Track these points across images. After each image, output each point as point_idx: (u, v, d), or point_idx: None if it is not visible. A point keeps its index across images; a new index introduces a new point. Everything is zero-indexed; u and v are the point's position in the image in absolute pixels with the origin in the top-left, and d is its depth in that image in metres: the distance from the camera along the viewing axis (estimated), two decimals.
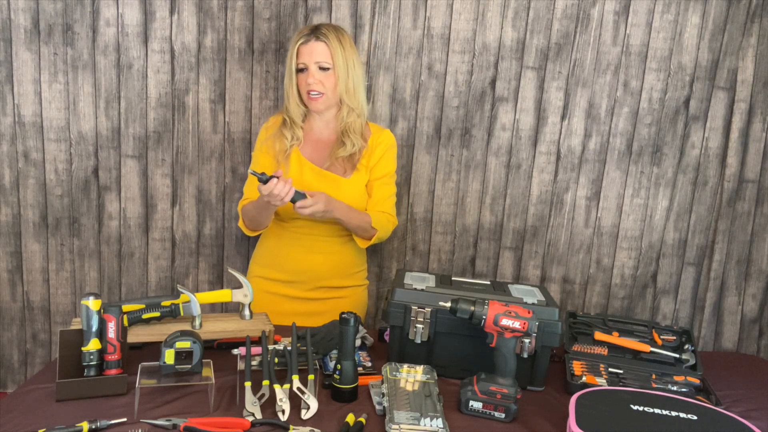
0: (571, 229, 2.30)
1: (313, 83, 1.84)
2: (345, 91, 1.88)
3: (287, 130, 1.94)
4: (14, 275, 2.30)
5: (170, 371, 1.36)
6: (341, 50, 1.84)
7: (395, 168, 2.00)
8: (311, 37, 1.83)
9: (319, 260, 1.95)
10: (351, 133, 1.92)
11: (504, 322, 1.39)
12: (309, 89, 1.85)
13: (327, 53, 1.83)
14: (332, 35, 1.84)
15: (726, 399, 1.60)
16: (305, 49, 1.84)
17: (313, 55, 1.83)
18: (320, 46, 1.83)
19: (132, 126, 2.22)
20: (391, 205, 1.99)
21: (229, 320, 1.68)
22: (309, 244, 1.94)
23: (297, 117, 1.92)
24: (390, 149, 1.97)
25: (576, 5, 2.14)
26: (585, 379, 1.60)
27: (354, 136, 1.92)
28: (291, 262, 1.94)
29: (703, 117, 2.21)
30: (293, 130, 1.93)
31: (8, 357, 2.37)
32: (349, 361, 1.41)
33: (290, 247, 1.95)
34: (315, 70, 1.84)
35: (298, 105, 1.91)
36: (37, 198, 2.25)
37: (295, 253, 1.95)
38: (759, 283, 2.32)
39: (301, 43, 1.84)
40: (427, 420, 1.31)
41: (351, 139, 1.91)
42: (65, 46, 2.15)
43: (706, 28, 2.15)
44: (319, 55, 1.83)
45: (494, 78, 2.20)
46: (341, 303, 1.95)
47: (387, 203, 1.97)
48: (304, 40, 1.84)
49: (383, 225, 1.93)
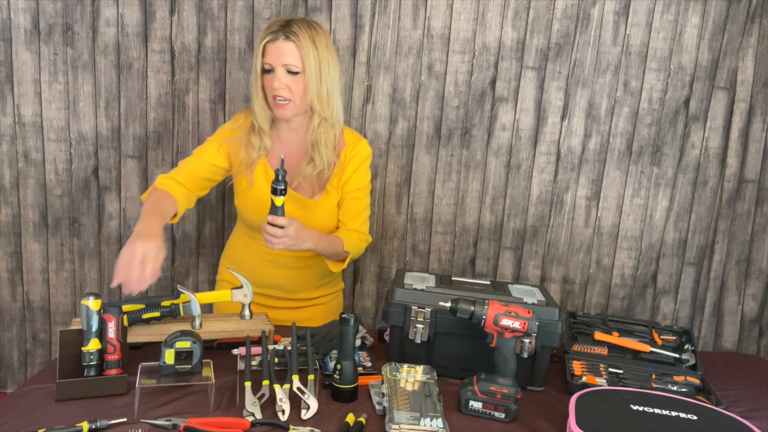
0: (571, 229, 2.30)
1: (279, 88, 1.65)
2: (316, 99, 1.68)
3: (255, 136, 1.75)
4: (14, 275, 2.30)
5: (170, 371, 1.36)
6: (314, 51, 1.65)
7: (369, 180, 1.87)
8: (280, 34, 1.64)
9: (289, 275, 1.84)
10: (321, 147, 1.73)
11: (504, 322, 1.39)
12: (275, 94, 1.66)
13: (297, 55, 1.64)
14: (304, 34, 1.64)
15: (726, 399, 1.60)
16: (272, 48, 1.64)
17: (281, 56, 1.63)
18: (289, 47, 1.63)
19: (132, 126, 2.22)
20: (363, 222, 1.85)
21: (229, 320, 1.68)
22: (277, 259, 1.80)
23: (264, 123, 1.73)
24: (364, 162, 1.82)
25: (576, 5, 2.14)
26: (585, 379, 1.60)
27: (325, 150, 1.74)
28: (259, 275, 1.81)
29: (703, 117, 2.21)
30: (261, 139, 1.75)
31: (8, 357, 2.37)
32: (349, 361, 1.41)
33: (257, 259, 1.83)
34: (282, 73, 1.64)
35: (264, 109, 1.72)
36: (37, 198, 2.25)
37: (262, 267, 1.83)
38: (759, 283, 2.32)
39: (268, 41, 1.64)
40: (427, 420, 1.31)
41: (321, 153, 1.73)
42: (65, 46, 2.15)
43: (706, 28, 2.15)
44: (288, 56, 1.64)
45: (494, 78, 2.20)
46: (317, 310, 1.92)
47: (359, 219, 1.84)
48: (272, 38, 1.64)
49: (355, 246, 1.79)
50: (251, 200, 1.79)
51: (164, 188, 1.71)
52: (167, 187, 1.72)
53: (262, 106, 1.72)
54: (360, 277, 2.35)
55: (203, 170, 1.78)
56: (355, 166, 1.80)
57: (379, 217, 2.29)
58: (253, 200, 1.79)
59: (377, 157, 2.24)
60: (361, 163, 1.81)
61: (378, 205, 2.28)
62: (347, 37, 2.16)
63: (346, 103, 2.19)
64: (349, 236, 1.79)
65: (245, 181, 1.79)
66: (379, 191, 2.27)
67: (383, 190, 2.28)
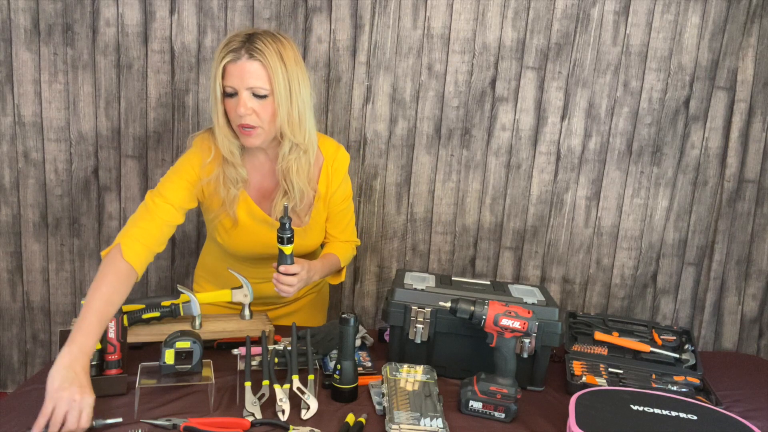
0: (571, 229, 2.30)
1: (246, 115, 1.45)
2: (287, 123, 1.49)
3: (229, 168, 1.55)
4: (14, 275, 2.30)
5: (170, 371, 1.36)
6: (282, 70, 1.45)
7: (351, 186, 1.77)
8: (242, 52, 1.43)
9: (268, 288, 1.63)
10: (293, 176, 1.56)
11: (504, 322, 1.39)
12: (240, 122, 1.47)
13: (263, 76, 1.44)
14: (270, 50, 1.44)
15: (726, 399, 1.60)
16: (234, 69, 1.43)
17: (245, 78, 1.43)
18: (254, 66, 1.43)
19: (132, 126, 2.22)
20: (351, 230, 1.80)
21: (229, 320, 1.68)
22: (261, 275, 1.69)
23: (231, 154, 1.53)
24: (347, 174, 1.70)
25: (576, 5, 2.14)
26: (585, 379, 1.60)
27: (297, 179, 1.56)
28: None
29: (703, 117, 2.21)
30: (236, 170, 1.56)
31: (8, 357, 2.37)
32: (349, 361, 1.41)
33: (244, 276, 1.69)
34: (248, 97, 1.45)
35: (229, 138, 1.52)
36: (37, 198, 2.25)
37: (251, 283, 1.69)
38: (759, 283, 2.32)
39: (228, 61, 1.43)
40: (427, 420, 1.31)
41: (293, 183, 1.56)
42: (65, 46, 2.15)
43: (706, 28, 2.15)
44: (253, 78, 1.43)
45: (494, 78, 2.20)
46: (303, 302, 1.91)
47: (348, 230, 1.79)
48: (233, 57, 1.43)
49: (348, 257, 1.78)
50: (238, 239, 1.67)
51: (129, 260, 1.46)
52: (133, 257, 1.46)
53: (225, 135, 1.52)
54: (360, 277, 2.35)
55: (173, 216, 1.56)
56: (340, 179, 1.69)
57: (379, 217, 2.29)
58: (239, 238, 1.67)
59: (377, 157, 2.24)
60: (345, 173, 1.71)
61: (378, 205, 2.28)
62: (347, 37, 2.16)
63: (345, 103, 2.19)
64: (342, 250, 1.78)
65: (227, 221, 1.64)
66: (379, 191, 2.27)
67: (383, 190, 2.28)
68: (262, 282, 1.72)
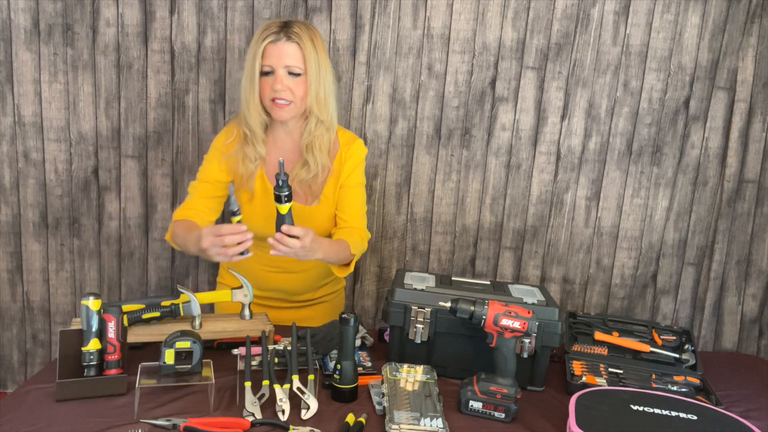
0: (571, 229, 2.30)
1: (282, 90, 1.61)
2: (315, 101, 1.65)
3: (248, 146, 1.70)
4: (14, 275, 2.30)
5: (170, 371, 1.36)
6: (314, 54, 1.62)
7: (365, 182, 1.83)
8: (281, 36, 1.60)
9: (290, 279, 1.82)
10: (316, 151, 1.69)
11: (504, 322, 1.39)
12: (275, 96, 1.62)
13: (299, 56, 1.61)
14: (305, 35, 1.61)
15: (726, 399, 1.60)
16: (273, 50, 1.60)
17: (283, 58, 1.60)
18: (291, 48, 1.60)
19: (132, 126, 2.22)
20: (362, 216, 1.82)
21: (229, 320, 1.68)
22: (278, 264, 1.77)
23: (258, 128, 1.68)
24: (360, 164, 1.78)
25: (576, 5, 2.14)
26: (585, 379, 1.60)
27: (319, 155, 1.70)
28: (261, 279, 1.79)
29: (703, 117, 2.21)
30: (255, 147, 1.69)
31: (8, 357, 2.37)
32: (349, 361, 1.41)
33: (258, 264, 1.77)
34: (284, 75, 1.61)
35: (260, 113, 1.67)
36: (37, 198, 2.25)
37: (263, 272, 1.80)
38: (759, 283, 2.32)
39: (269, 42, 1.60)
40: (427, 420, 1.31)
41: (315, 157, 1.69)
42: (65, 46, 2.15)
43: (706, 28, 2.15)
44: (290, 58, 1.60)
45: (494, 78, 2.20)
46: (319, 308, 1.92)
47: (359, 213, 1.80)
48: (273, 39, 1.60)
49: (359, 247, 1.75)
50: (253, 213, 1.73)
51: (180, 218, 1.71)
52: (186, 217, 1.71)
53: (258, 111, 1.66)
54: (360, 277, 2.35)
55: (212, 190, 1.75)
56: (352, 167, 1.76)
57: (379, 217, 2.29)
58: (254, 213, 1.74)
59: (377, 157, 2.24)
60: (359, 163, 1.78)
61: (378, 205, 2.28)
62: (347, 37, 2.16)
63: (345, 102, 2.19)
64: (352, 237, 1.74)
65: (245, 194, 1.75)
66: (379, 191, 2.27)
67: (383, 190, 2.28)
68: (276, 271, 1.81)
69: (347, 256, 1.72)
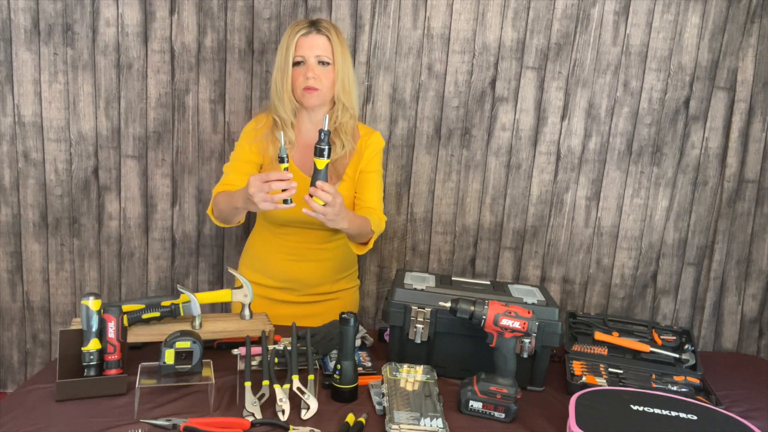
0: (571, 229, 2.30)
1: (312, 77, 1.75)
2: (341, 89, 1.80)
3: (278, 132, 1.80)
4: (14, 275, 2.30)
5: (170, 371, 1.36)
6: (341, 47, 1.78)
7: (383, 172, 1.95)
8: (312, 29, 1.76)
9: (309, 268, 1.90)
10: (342, 134, 1.83)
11: (504, 322, 1.39)
12: (307, 85, 1.76)
13: (328, 47, 1.77)
14: (333, 30, 1.78)
15: (726, 399, 1.60)
16: (305, 42, 1.75)
17: (314, 49, 1.76)
18: (321, 40, 1.76)
19: (132, 126, 2.22)
20: (380, 199, 1.91)
21: (229, 320, 1.68)
22: (298, 252, 1.88)
23: (289, 116, 1.82)
24: (379, 153, 1.91)
25: (576, 5, 2.14)
26: (585, 379, 1.60)
27: (345, 138, 1.83)
28: (280, 270, 1.90)
29: (703, 117, 2.21)
30: (285, 132, 1.82)
31: (8, 357, 2.37)
32: (349, 361, 1.41)
33: (278, 254, 1.89)
34: (314, 64, 1.76)
35: (292, 101, 1.81)
36: (37, 198, 2.25)
37: (283, 261, 1.89)
38: (759, 283, 2.32)
39: (301, 35, 1.75)
40: (427, 420, 1.31)
41: (342, 140, 1.83)
42: (65, 46, 2.15)
43: (706, 28, 2.15)
44: (320, 48, 1.76)
45: (494, 78, 2.20)
46: (334, 305, 1.94)
47: (377, 196, 1.90)
48: (305, 32, 1.76)
49: (378, 226, 1.84)
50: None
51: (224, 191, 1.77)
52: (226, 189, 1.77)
53: (289, 98, 1.79)
54: (360, 277, 2.35)
55: (247, 168, 1.84)
56: (371, 154, 1.88)
57: None
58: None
59: None
60: (378, 152, 1.90)
61: None
62: (347, 37, 2.16)
63: None
64: (372, 216, 1.81)
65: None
66: None
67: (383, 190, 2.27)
68: (297, 260, 1.88)
69: (368, 232, 1.80)
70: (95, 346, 1.38)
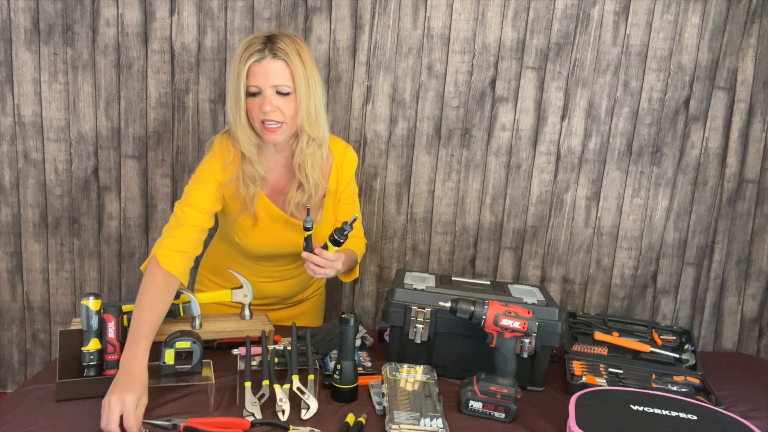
0: (571, 229, 2.30)
1: (271, 111, 1.52)
2: (306, 119, 1.58)
3: (248, 166, 1.61)
4: (14, 275, 2.30)
5: (170, 371, 1.36)
6: (303, 69, 1.54)
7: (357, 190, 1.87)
8: (266, 53, 1.51)
9: (285, 285, 1.86)
10: (308, 169, 1.63)
11: (504, 322, 1.39)
12: (264, 119, 1.54)
13: (287, 74, 1.52)
14: (292, 50, 1.53)
15: (726, 399, 1.60)
16: (258, 70, 1.51)
17: (270, 77, 1.51)
18: (278, 66, 1.51)
19: (132, 126, 2.22)
20: (359, 226, 1.92)
21: (229, 320, 1.68)
22: (273, 274, 1.82)
23: (250, 152, 1.59)
24: (354, 175, 1.79)
25: (576, 5, 2.14)
26: (585, 379, 1.60)
27: (311, 173, 1.64)
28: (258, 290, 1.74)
29: (703, 117, 2.21)
30: (254, 168, 1.61)
31: (8, 357, 2.37)
32: (349, 361, 1.41)
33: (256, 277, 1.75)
34: (272, 95, 1.52)
35: (250, 136, 1.58)
36: (37, 198, 2.25)
37: (260, 283, 1.78)
38: (759, 283, 2.32)
39: (253, 61, 1.51)
40: (427, 420, 1.31)
41: (308, 176, 1.64)
42: (65, 46, 2.15)
43: (706, 28, 2.15)
44: (278, 76, 1.51)
45: (494, 78, 2.20)
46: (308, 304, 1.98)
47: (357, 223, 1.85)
48: (258, 57, 1.51)
49: (362, 252, 1.87)
50: (257, 237, 1.72)
51: (166, 267, 1.49)
52: (169, 264, 1.49)
53: (247, 134, 1.58)
54: (360, 277, 2.35)
55: (205, 220, 1.61)
56: (348, 179, 1.77)
57: (379, 217, 2.29)
58: (258, 237, 1.72)
59: (377, 157, 2.24)
60: (353, 174, 1.79)
61: (378, 205, 2.28)
62: (347, 37, 2.16)
63: (345, 102, 2.19)
64: (355, 245, 1.83)
65: (247, 221, 1.69)
66: (379, 191, 2.27)
67: (383, 190, 2.28)
68: (272, 281, 1.84)
69: (355, 262, 1.80)
70: (95, 346, 1.38)
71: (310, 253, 1.57)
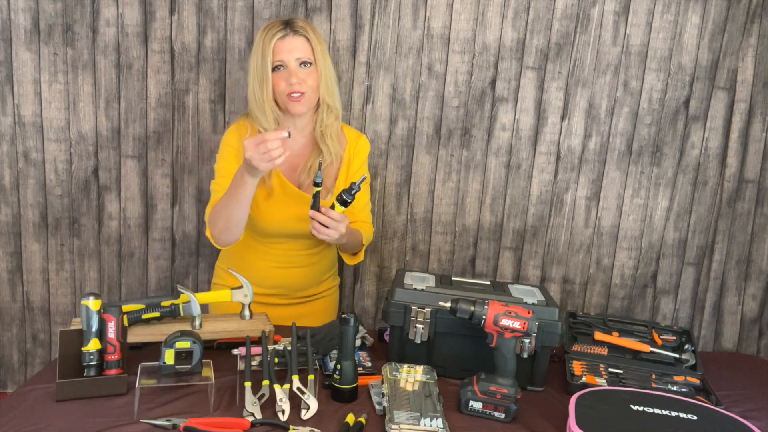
0: (571, 229, 2.30)
1: (297, 82, 1.67)
2: (326, 90, 1.74)
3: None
4: (14, 275, 2.30)
5: (170, 371, 1.36)
6: (320, 45, 1.71)
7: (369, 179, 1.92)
8: (287, 31, 1.68)
9: (296, 274, 1.88)
10: (328, 139, 1.77)
11: (504, 322, 1.39)
12: (291, 90, 1.68)
13: (308, 48, 1.69)
14: (310, 29, 1.71)
15: (726, 399, 1.60)
16: (283, 45, 1.67)
17: (293, 51, 1.68)
18: (300, 41, 1.69)
19: (132, 126, 2.22)
20: (368, 213, 1.94)
21: (229, 320, 1.68)
22: (285, 259, 1.85)
23: (272, 126, 1.73)
24: (366, 160, 1.88)
25: (576, 5, 2.14)
26: (585, 379, 1.60)
27: (332, 143, 1.78)
28: (266, 276, 1.84)
29: (703, 117, 2.21)
30: None
31: (8, 357, 2.37)
32: (349, 361, 1.41)
33: (264, 262, 1.85)
34: (296, 67, 1.68)
35: (274, 110, 1.72)
36: (37, 198, 2.25)
37: (270, 269, 1.85)
38: (759, 283, 2.32)
39: (278, 39, 1.67)
40: (427, 420, 1.31)
41: (328, 146, 1.78)
42: (65, 46, 2.15)
43: (706, 28, 2.15)
44: (300, 50, 1.68)
45: (494, 78, 2.20)
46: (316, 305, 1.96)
47: (366, 210, 1.92)
48: (281, 35, 1.67)
49: (368, 238, 1.90)
50: (270, 210, 1.79)
51: None
52: None
53: (272, 107, 1.72)
54: (360, 277, 2.35)
55: None
56: (360, 163, 1.86)
57: (379, 217, 2.29)
58: (272, 210, 1.79)
59: (377, 157, 2.24)
60: (365, 159, 1.88)
61: (378, 205, 2.28)
62: (347, 37, 2.16)
63: (345, 102, 2.19)
64: (363, 228, 1.87)
65: (263, 192, 1.77)
66: (379, 191, 2.27)
67: (383, 190, 2.28)
68: (283, 267, 1.86)
69: (359, 244, 1.86)
70: (95, 346, 1.38)
71: (316, 211, 1.62)
